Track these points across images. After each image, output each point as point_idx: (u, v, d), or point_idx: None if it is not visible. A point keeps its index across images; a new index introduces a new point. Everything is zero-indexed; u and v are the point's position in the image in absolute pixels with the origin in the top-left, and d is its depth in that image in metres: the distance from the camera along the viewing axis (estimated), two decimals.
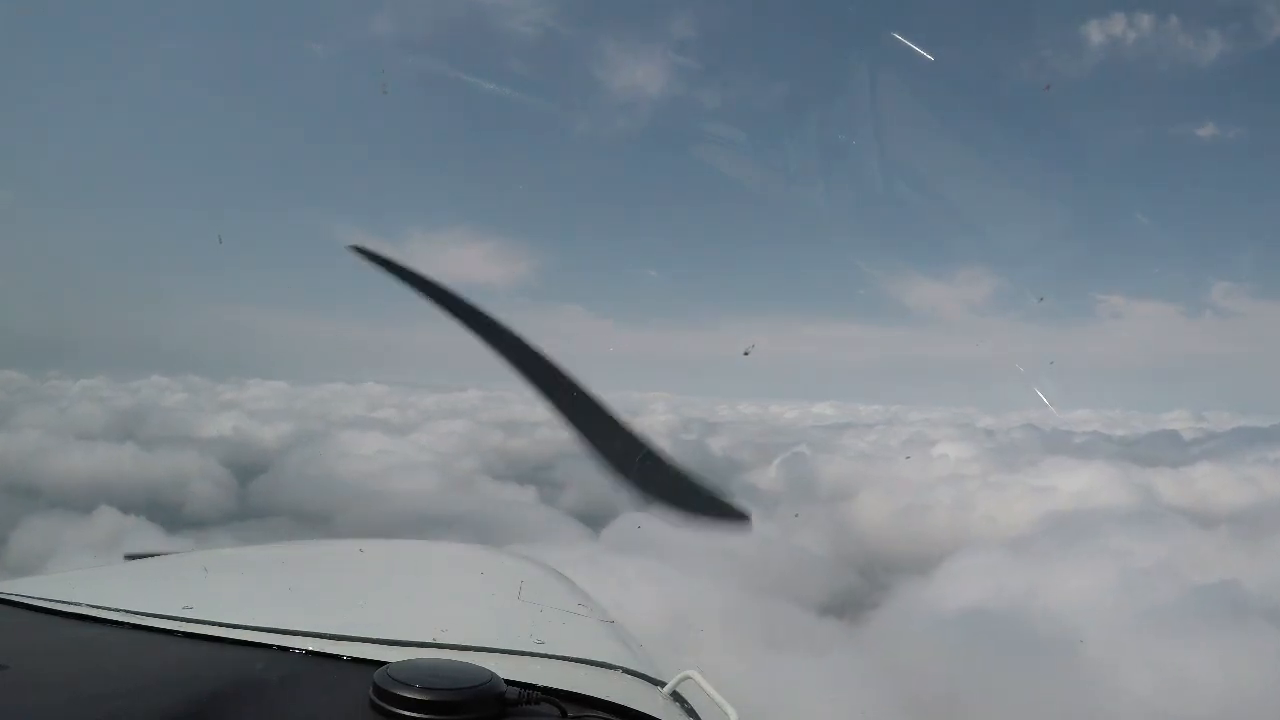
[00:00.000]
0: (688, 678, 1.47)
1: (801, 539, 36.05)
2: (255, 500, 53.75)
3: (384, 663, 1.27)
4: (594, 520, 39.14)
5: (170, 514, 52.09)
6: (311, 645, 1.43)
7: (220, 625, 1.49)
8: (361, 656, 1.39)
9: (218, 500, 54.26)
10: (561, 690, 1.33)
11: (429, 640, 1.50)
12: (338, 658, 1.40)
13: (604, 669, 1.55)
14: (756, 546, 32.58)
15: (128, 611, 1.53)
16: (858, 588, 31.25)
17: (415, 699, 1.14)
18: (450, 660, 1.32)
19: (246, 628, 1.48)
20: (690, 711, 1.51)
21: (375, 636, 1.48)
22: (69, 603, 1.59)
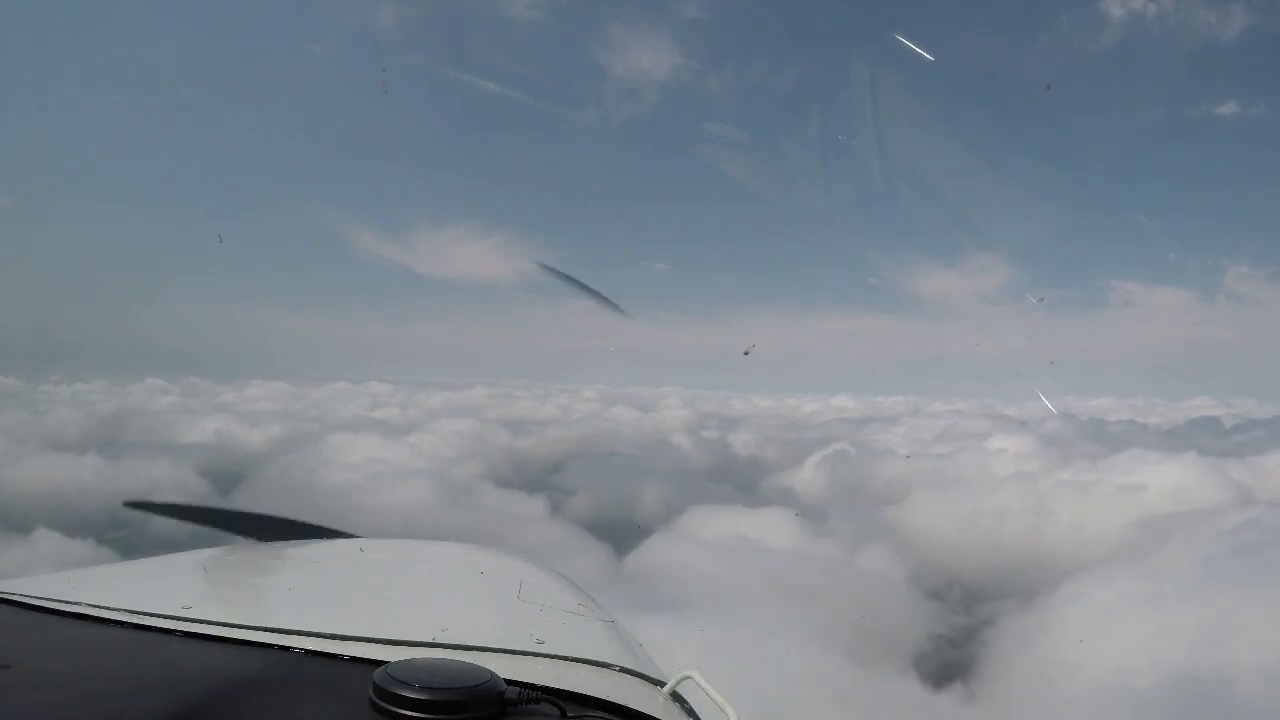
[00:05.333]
0: (688, 678, 1.44)
1: (865, 559, 29.74)
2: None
3: (384, 662, 1.24)
4: (613, 535, 33.31)
5: (133, 532, 46.61)
6: (311, 645, 1.41)
7: (220, 625, 1.46)
8: (361, 656, 1.37)
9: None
10: (561, 690, 1.30)
11: (429, 640, 1.47)
12: (338, 657, 1.37)
13: (604, 669, 1.51)
14: (818, 572, 26.41)
15: (128, 611, 1.51)
16: (955, 628, 24.95)
17: (415, 698, 1.12)
18: (450, 660, 1.30)
19: (246, 628, 1.45)
20: (690, 711, 1.48)
21: (375, 636, 1.46)
22: (69, 602, 1.56)
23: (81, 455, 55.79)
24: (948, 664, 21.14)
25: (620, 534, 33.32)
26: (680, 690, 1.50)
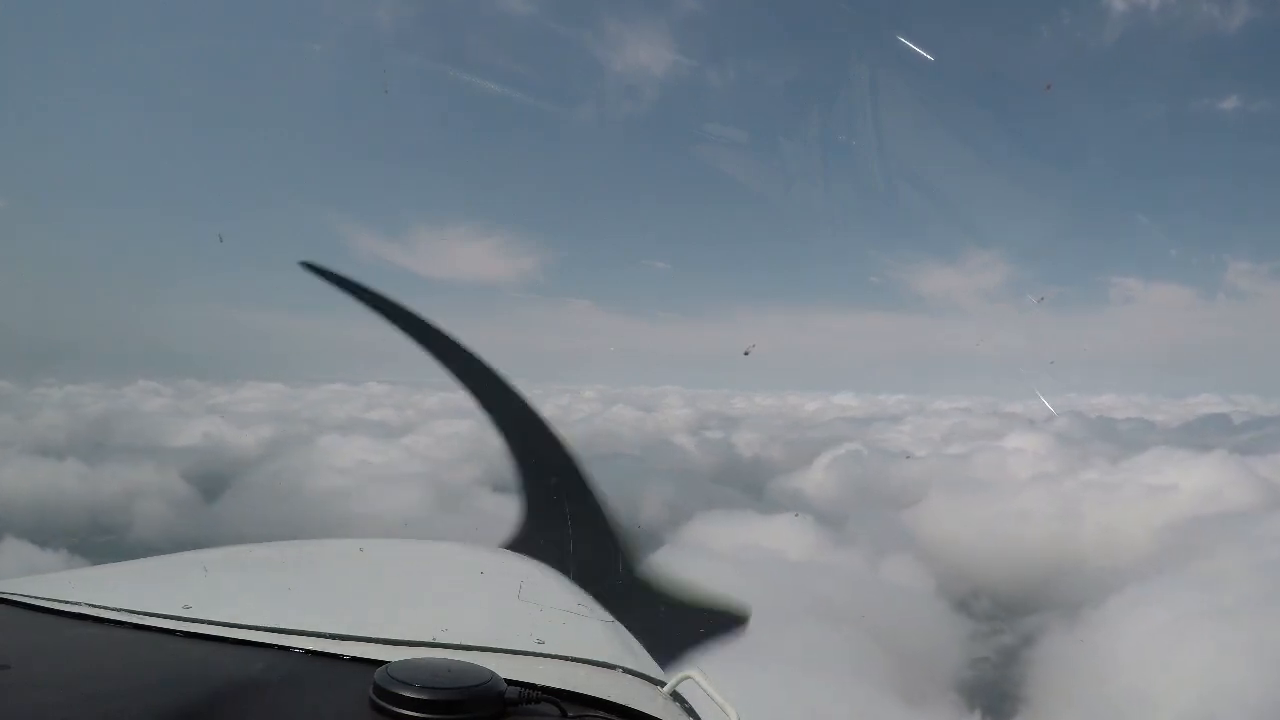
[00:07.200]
0: (688, 678, 1.44)
1: (890, 570, 27.59)
2: (215, 522, 45.58)
3: (384, 662, 1.25)
4: None
5: (113, 539, 44.54)
6: (312, 645, 1.41)
7: (220, 625, 1.47)
8: (362, 656, 1.37)
9: (171, 522, 46.34)
10: (562, 690, 1.31)
11: (429, 640, 1.47)
12: (338, 657, 1.38)
13: (604, 669, 1.51)
14: (842, 586, 24.27)
15: (128, 611, 1.50)
16: (998, 649, 22.74)
17: (416, 698, 1.13)
18: (450, 660, 1.30)
19: (246, 627, 1.46)
20: (690, 711, 1.48)
21: (375, 636, 1.46)
22: (69, 602, 1.55)
23: (62, 461, 53.81)
24: (997, 694, 19.00)
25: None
26: (680, 690, 1.48)
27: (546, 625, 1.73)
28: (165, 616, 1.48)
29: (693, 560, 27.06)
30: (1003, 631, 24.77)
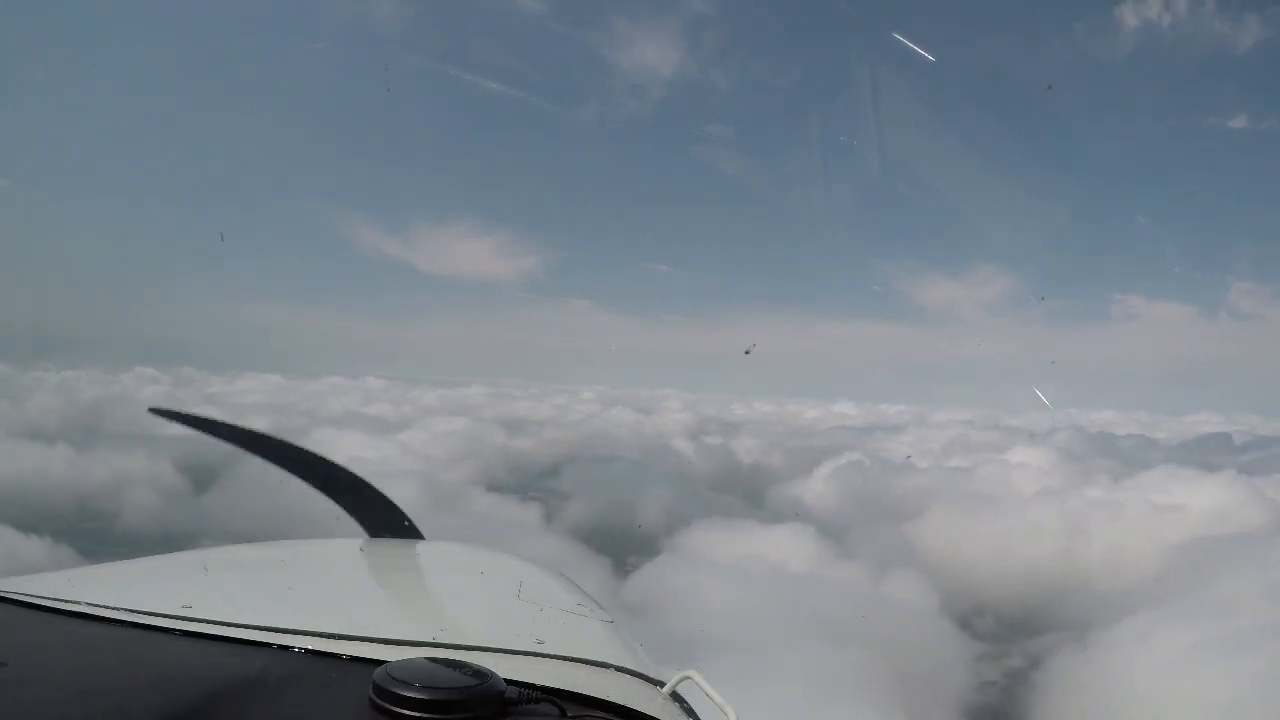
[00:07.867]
0: (687, 678, 1.45)
1: (893, 585, 26.85)
2: (205, 513, 44.83)
3: (384, 662, 1.26)
4: (612, 548, 30.53)
5: (101, 526, 43.85)
6: (311, 644, 1.42)
7: (220, 624, 1.47)
8: (362, 656, 1.38)
9: (160, 513, 45.58)
10: (561, 690, 1.32)
11: (429, 639, 1.47)
12: (338, 657, 1.38)
13: (604, 669, 1.51)
14: (844, 602, 23.55)
15: (128, 610, 1.51)
16: (1006, 671, 22.00)
17: (415, 698, 1.14)
18: (450, 659, 1.31)
19: (247, 627, 1.46)
20: (690, 711, 1.49)
21: (375, 636, 1.46)
22: (69, 601, 1.55)
23: (52, 446, 53.06)
24: (1004, 718, 18.26)
25: (620, 547, 30.57)
26: (680, 690, 1.49)
27: (546, 625, 1.72)
28: (165, 616, 1.47)
29: (692, 570, 26.47)
30: (1010, 654, 24.09)
